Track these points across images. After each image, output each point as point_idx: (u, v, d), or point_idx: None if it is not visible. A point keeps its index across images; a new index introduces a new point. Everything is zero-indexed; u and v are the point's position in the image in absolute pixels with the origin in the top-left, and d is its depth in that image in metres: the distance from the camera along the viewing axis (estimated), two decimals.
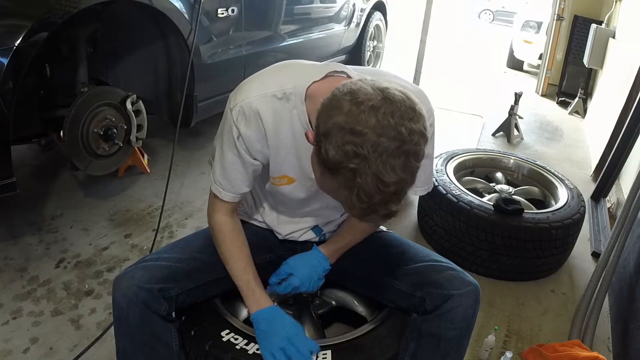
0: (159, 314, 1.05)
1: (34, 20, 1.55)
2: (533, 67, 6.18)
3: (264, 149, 1.05)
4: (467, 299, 1.05)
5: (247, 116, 1.00)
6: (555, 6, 4.85)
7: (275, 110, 1.00)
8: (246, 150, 1.04)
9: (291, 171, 1.09)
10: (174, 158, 2.15)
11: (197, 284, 1.13)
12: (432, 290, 1.08)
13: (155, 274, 1.06)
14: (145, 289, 1.03)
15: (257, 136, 1.02)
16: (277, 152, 1.05)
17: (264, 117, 1.00)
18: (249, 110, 1.00)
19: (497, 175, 2.48)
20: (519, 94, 3.66)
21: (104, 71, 2.40)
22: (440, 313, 1.06)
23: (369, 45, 4.44)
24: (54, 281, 1.77)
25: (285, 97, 1.00)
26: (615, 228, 1.85)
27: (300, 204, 1.19)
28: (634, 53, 3.15)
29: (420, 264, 1.15)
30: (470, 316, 1.06)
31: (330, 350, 1.11)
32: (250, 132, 1.01)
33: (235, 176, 1.08)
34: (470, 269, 2.00)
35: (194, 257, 1.15)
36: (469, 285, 1.07)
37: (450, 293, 1.05)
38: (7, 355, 1.45)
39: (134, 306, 1.02)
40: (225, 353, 1.08)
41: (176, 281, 1.09)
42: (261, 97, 1.00)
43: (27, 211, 2.16)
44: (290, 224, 1.25)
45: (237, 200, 1.13)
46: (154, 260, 1.11)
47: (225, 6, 2.36)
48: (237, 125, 1.01)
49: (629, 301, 1.69)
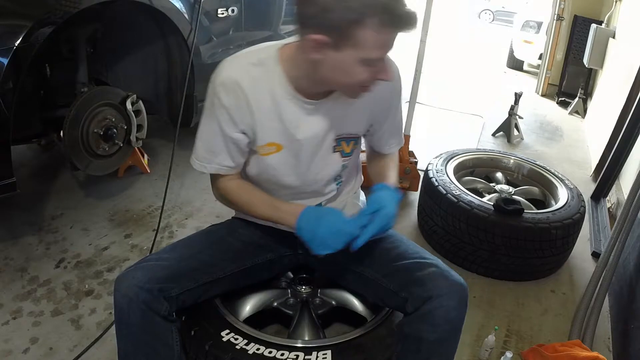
0: (159, 314, 1.05)
1: (34, 20, 1.55)
2: (533, 67, 6.18)
3: (246, 117, 1.08)
4: (449, 300, 1.02)
5: (227, 86, 1.05)
6: (555, 6, 4.85)
7: (253, 77, 1.05)
8: (229, 120, 1.07)
9: (277, 136, 1.11)
10: (174, 158, 2.15)
11: (197, 283, 1.13)
12: (413, 290, 1.06)
13: (156, 274, 1.06)
14: (146, 290, 1.03)
15: (239, 104, 1.06)
16: (260, 118, 1.08)
17: (244, 85, 1.05)
18: (228, 81, 1.05)
19: (497, 175, 2.48)
20: (519, 94, 3.66)
21: (104, 71, 2.40)
22: (420, 314, 1.03)
23: None
24: (54, 281, 1.77)
25: (260, 63, 1.06)
26: (615, 228, 1.85)
27: (294, 178, 1.18)
28: (634, 53, 3.15)
29: (406, 261, 1.13)
30: (454, 318, 1.03)
31: (330, 350, 1.11)
32: (231, 102, 1.06)
33: (216, 147, 1.12)
34: (470, 269, 2.00)
35: (194, 257, 1.15)
36: (454, 285, 1.04)
37: (430, 294, 1.02)
38: (7, 355, 1.45)
39: (135, 306, 1.02)
40: (225, 353, 1.09)
41: (177, 281, 1.09)
42: (238, 68, 1.06)
43: (27, 211, 2.16)
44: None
45: (224, 172, 1.16)
46: (155, 260, 1.11)
47: (225, 6, 2.36)
48: (218, 96, 1.06)
49: (629, 301, 1.69)
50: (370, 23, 0.89)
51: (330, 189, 1.27)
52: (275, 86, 1.06)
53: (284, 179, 1.18)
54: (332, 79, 1.00)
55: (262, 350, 1.10)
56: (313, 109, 1.10)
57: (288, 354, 1.10)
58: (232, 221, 1.33)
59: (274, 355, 1.09)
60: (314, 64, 0.98)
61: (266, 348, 1.10)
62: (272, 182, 1.20)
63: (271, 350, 1.10)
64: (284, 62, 1.05)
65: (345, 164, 1.23)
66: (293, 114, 1.09)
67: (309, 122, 1.11)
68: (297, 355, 1.09)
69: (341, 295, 1.40)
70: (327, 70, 0.98)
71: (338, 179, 1.27)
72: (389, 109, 1.22)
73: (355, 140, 1.21)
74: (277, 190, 1.21)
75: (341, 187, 1.30)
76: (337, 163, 1.21)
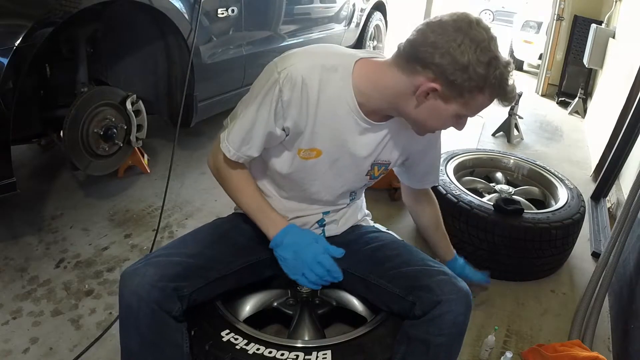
0: (171, 314, 1.02)
1: (34, 20, 1.55)
2: (533, 67, 6.18)
3: (301, 117, 1.05)
4: (457, 305, 1.04)
5: (294, 81, 1.01)
6: (555, 6, 4.85)
7: (322, 81, 1.02)
8: (279, 114, 1.04)
9: (324, 144, 1.10)
10: (174, 158, 2.15)
11: (207, 281, 1.10)
12: (422, 295, 1.07)
13: (168, 271, 1.03)
14: (159, 288, 0.99)
15: (299, 103, 1.03)
16: (316, 122, 1.06)
17: (311, 86, 1.02)
18: (296, 76, 1.01)
19: (497, 175, 2.48)
20: (519, 94, 3.66)
21: (104, 71, 2.40)
22: (428, 318, 1.04)
23: (369, 45, 4.44)
24: (54, 281, 1.77)
25: (333, 69, 1.03)
26: (615, 228, 1.85)
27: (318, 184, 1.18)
28: (634, 53, 3.15)
29: (413, 267, 1.14)
30: (461, 322, 1.05)
31: (330, 350, 1.11)
32: (292, 98, 1.02)
33: (254, 137, 1.07)
34: None
35: (203, 253, 1.13)
36: (460, 291, 1.06)
37: (439, 299, 1.04)
38: (7, 355, 1.45)
39: (145, 305, 0.98)
40: (225, 353, 1.08)
41: (189, 279, 1.06)
42: (310, 67, 1.02)
43: (27, 211, 2.16)
44: (297, 212, 1.24)
45: (243, 160, 1.13)
46: (165, 256, 1.08)
47: (225, 6, 2.36)
48: (280, 89, 1.01)
49: (629, 301, 1.69)
50: (487, 92, 0.95)
51: (343, 202, 1.28)
52: (341, 97, 1.04)
53: (308, 183, 1.18)
54: (420, 118, 1.02)
55: (262, 350, 1.09)
56: (368, 128, 1.10)
57: (288, 354, 1.09)
58: (235, 216, 1.32)
59: (274, 355, 1.09)
60: (405, 98, 0.99)
61: (266, 348, 1.10)
62: (294, 182, 1.19)
63: (271, 350, 1.10)
64: (359, 76, 1.04)
65: (367, 184, 1.26)
66: (348, 128, 1.08)
67: (359, 140, 1.11)
68: (297, 355, 1.09)
69: (341, 296, 1.39)
70: (422, 110, 0.99)
71: (353, 194, 1.29)
72: (429, 147, 1.26)
73: (386, 166, 1.23)
74: (292, 189, 1.21)
75: (352, 202, 1.33)
76: (362, 182, 1.23)
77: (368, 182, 1.25)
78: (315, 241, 1.10)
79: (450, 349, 1.07)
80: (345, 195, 1.27)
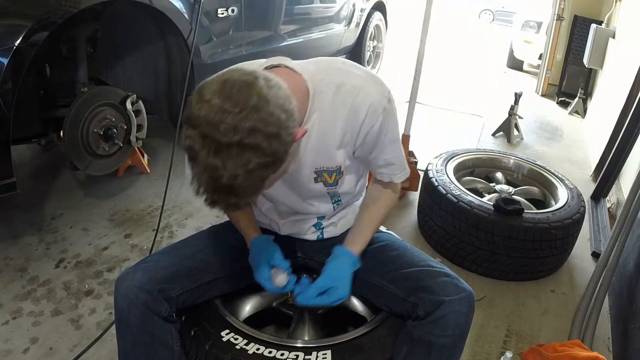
0: (159, 315, 1.05)
1: (34, 20, 1.55)
2: (533, 67, 6.18)
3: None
4: (460, 305, 1.03)
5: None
6: (555, 6, 4.84)
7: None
8: None
9: None
10: (174, 158, 2.15)
11: (197, 284, 1.13)
12: (424, 296, 1.06)
13: (156, 275, 1.07)
14: (146, 290, 1.03)
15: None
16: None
17: None
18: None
19: (497, 175, 2.48)
20: (519, 94, 3.66)
21: (104, 71, 2.40)
22: (432, 319, 1.04)
23: (368, 45, 4.44)
24: (54, 281, 1.77)
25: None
26: (615, 228, 1.85)
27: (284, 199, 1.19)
28: (634, 53, 3.14)
29: (415, 268, 1.14)
30: (463, 323, 1.04)
31: (330, 350, 1.11)
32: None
33: None
34: (470, 269, 2.00)
35: (194, 256, 1.16)
36: (463, 292, 1.05)
37: (442, 299, 1.03)
38: (7, 355, 1.45)
39: (135, 307, 1.03)
40: (225, 353, 1.08)
41: (176, 282, 1.09)
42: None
43: (27, 211, 2.16)
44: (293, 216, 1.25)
45: None
46: (154, 261, 1.12)
47: (225, 6, 2.37)
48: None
49: (629, 301, 1.69)
50: None
51: (326, 209, 1.24)
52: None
53: (274, 199, 1.21)
54: None
55: (262, 350, 1.10)
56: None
57: (288, 354, 1.09)
58: (230, 222, 1.33)
59: (274, 355, 1.09)
60: None
61: (266, 348, 1.10)
62: (266, 198, 1.23)
63: (271, 350, 1.10)
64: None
65: (333, 191, 1.19)
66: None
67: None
68: (297, 355, 1.09)
69: None
70: None
71: (336, 201, 1.24)
72: (374, 146, 1.12)
73: (337, 172, 1.13)
74: (277, 205, 1.24)
75: (340, 207, 1.27)
76: (320, 191, 1.17)
77: (329, 190, 1.17)
78: (267, 262, 1.14)
79: (453, 350, 1.07)
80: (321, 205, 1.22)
